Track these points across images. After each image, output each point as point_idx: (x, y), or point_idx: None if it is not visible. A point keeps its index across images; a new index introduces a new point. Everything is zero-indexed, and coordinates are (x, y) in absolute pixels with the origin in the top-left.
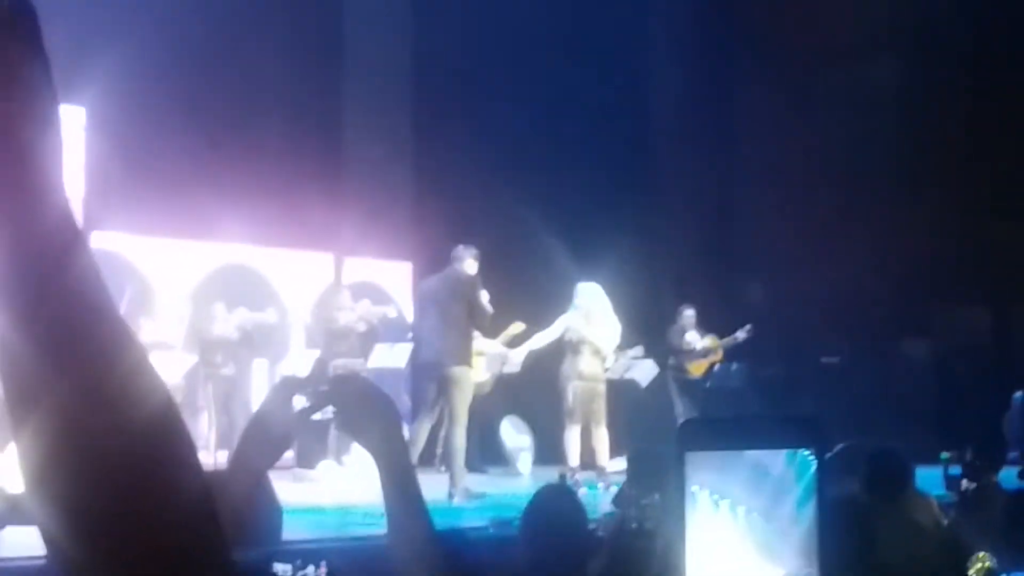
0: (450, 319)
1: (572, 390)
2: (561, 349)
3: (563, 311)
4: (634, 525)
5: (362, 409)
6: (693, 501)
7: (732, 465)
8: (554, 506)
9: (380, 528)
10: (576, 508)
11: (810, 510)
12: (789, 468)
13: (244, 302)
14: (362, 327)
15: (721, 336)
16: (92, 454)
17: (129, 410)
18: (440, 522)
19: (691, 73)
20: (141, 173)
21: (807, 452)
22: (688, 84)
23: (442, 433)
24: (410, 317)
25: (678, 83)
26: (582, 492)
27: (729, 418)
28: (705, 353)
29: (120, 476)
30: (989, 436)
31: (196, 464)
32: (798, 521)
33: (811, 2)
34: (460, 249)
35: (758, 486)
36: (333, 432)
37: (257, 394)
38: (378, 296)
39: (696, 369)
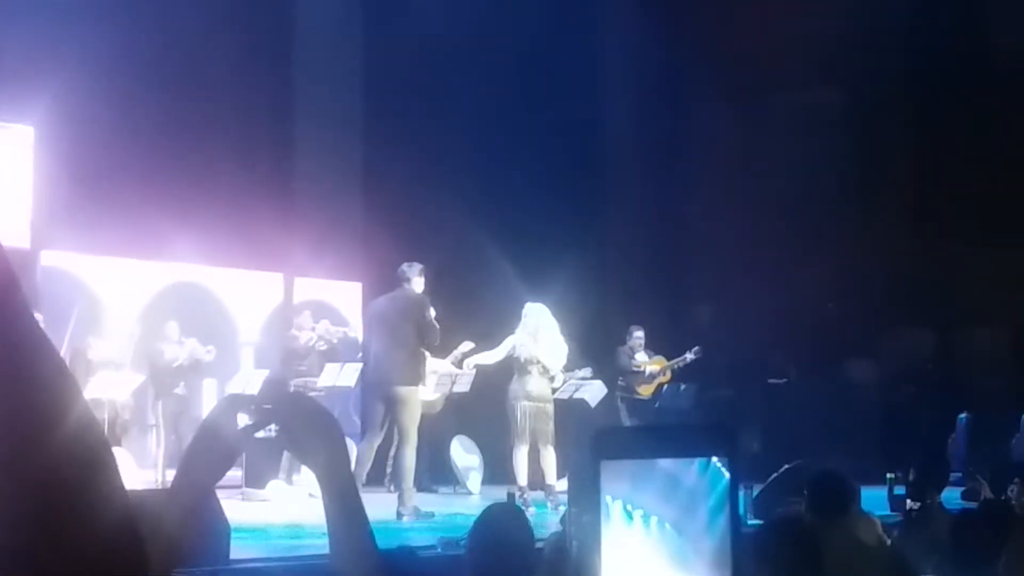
0: (399, 339)
1: (520, 410)
2: (509, 369)
3: (512, 330)
4: (574, 543)
5: (306, 428)
6: (607, 512)
7: (646, 475)
8: (501, 525)
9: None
10: (523, 527)
11: (723, 521)
12: (702, 478)
13: (194, 322)
14: (322, 346)
15: (669, 357)
16: (16, 477)
17: (56, 440)
18: (389, 541)
19: (642, 91)
20: (90, 192)
21: (720, 462)
22: (639, 102)
23: (392, 452)
24: (360, 337)
25: (630, 101)
26: (531, 512)
27: (644, 427)
28: (653, 374)
29: (40, 500)
30: (933, 457)
31: (119, 490)
32: (711, 532)
33: (764, 25)
34: (406, 267)
35: (671, 496)
36: (286, 452)
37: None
38: (329, 316)
39: (645, 390)
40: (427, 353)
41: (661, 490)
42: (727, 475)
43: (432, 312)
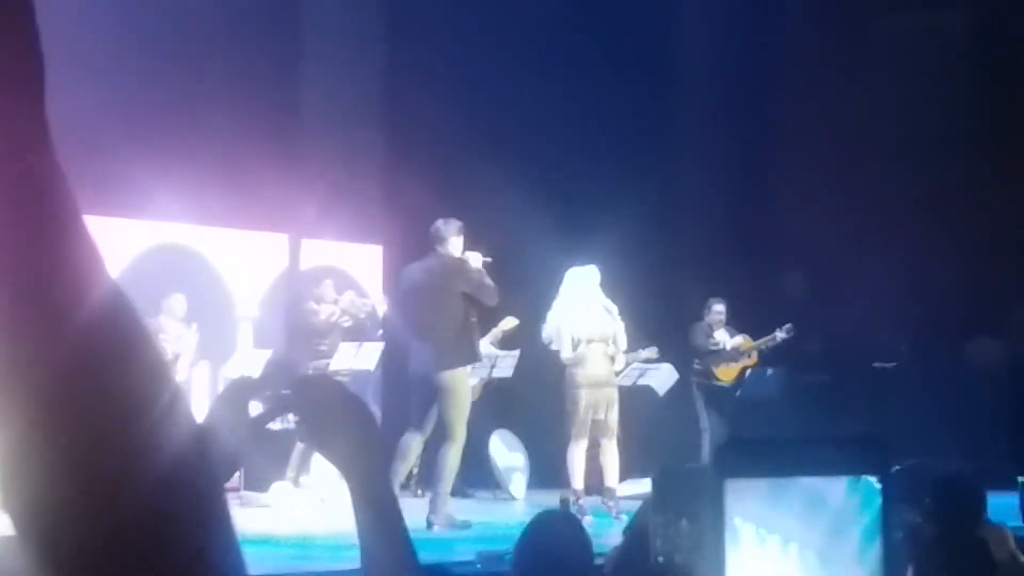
0: (440, 315)
1: (585, 396)
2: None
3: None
4: (660, 559)
5: (331, 417)
6: (735, 536)
7: (782, 494)
8: (554, 537)
9: (345, 562)
10: (580, 540)
11: (876, 547)
12: (851, 498)
13: (182, 291)
14: (347, 322)
15: (755, 336)
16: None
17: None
18: (419, 556)
19: (719, 25)
20: (61, 140)
21: (872, 479)
22: (716, 40)
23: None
24: (381, 308)
25: (704, 38)
26: (587, 520)
27: (778, 439)
28: (736, 355)
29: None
30: None
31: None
32: (862, 560)
33: None
34: (441, 225)
35: (813, 519)
36: (298, 449)
37: (199, 403)
38: (350, 286)
39: (725, 374)
40: (474, 327)
41: (802, 512)
42: (881, 494)
43: (478, 258)
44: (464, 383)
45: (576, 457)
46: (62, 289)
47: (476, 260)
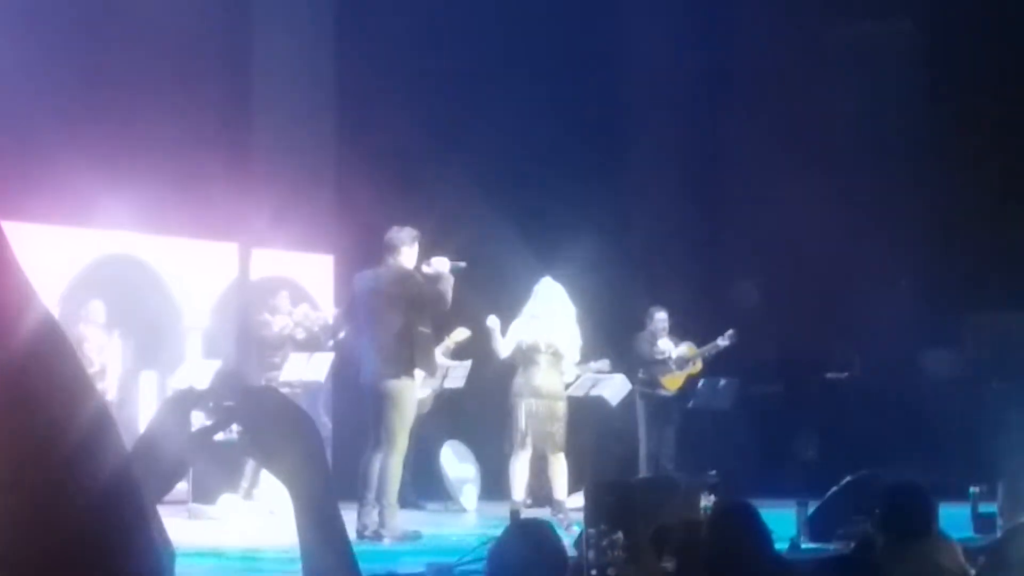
0: (386, 322)
1: (524, 408)
2: (512, 359)
3: (513, 314)
4: (593, 572)
5: (275, 429)
6: None
7: None
8: (531, 545)
9: (294, 575)
10: (557, 548)
11: None
12: None
13: (128, 302)
14: (301, 335)
15: (702, 345)
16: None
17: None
18: (368, 568)
19: (671, 36)
20: (5, 146)
21: None
22: (667, 50)
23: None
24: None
25: (655, 48)
26: None
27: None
28: (681, 363)
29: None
30: None
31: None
32: None
33: None
34: (395, 234)
35: None
36: (250, 461)
37: (145, 414)
38: (300, 296)
39: (671, 383)
40: (425, 339)
41: None
42: None
43: (444, 262)
44: (408, 392)
45: (517, 469)
46: None
47: (442, 264)
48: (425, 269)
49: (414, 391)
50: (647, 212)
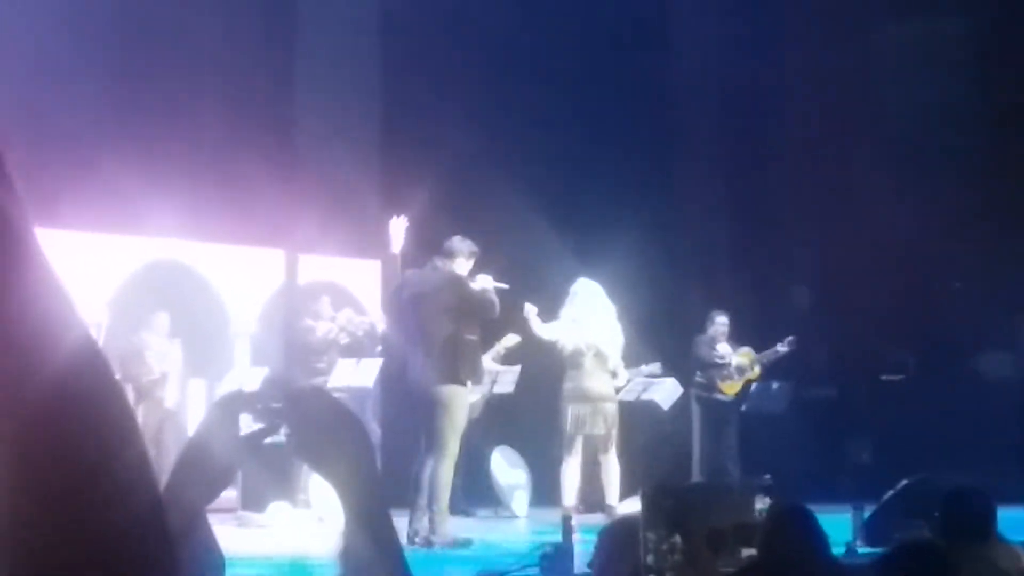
0: (437, 329)
1: (572, 413)
2: (560, 363)
3: (554, 319)
4: None
5: (324, 431)
6: None
7: None
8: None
9: None
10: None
11: None
12: None
13: (176, 308)
14: (344, 340)
15: (758, 349)
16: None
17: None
18: (419, 575)
19: (720, 38)
20: (52, 154)
21: None
22: (718, 53)
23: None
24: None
25: (705, 51)
26: (576, 538)
27: None
28: (740, 370)
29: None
30: None
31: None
32: None
33: None
34: (456, 242)
35: None
36: (304, 466)
37: (194, 421)
38: (348, 302)
39: (729, 388)
40: (472, 347)
41: None
42: None
43: (489, 280)
44: (459, 399)
45: (567, 474)
46: (28, 333)
47: (486, 282)
48: (471, 283)
49: (465, 397)
50: (699, 214)
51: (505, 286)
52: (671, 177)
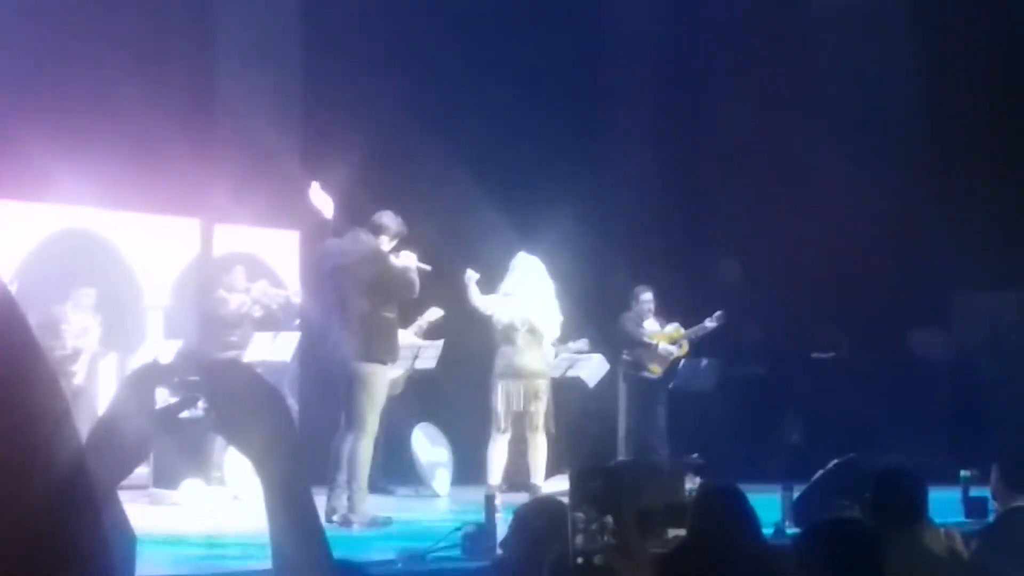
0: (354, 302)
1: (502, 389)
2: (485, 340)
3: (489, 293)
4: (580, 559)
5: (244, 404)
6: None
7: None
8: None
9: (257, 562)
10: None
11: None
12: None
13: (88, 276)
14: (258, 312)
15: (687, 325)
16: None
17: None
18: (336, 555)
19: (650, 7)
20: None
21: None
22: (646, 22)
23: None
24: (297, 297)
25: (635, 20)
26: (498, 517)
27: None
28: (668, 349)
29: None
30: (1021, 450)
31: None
32: None
33: None
34: (387, 218)
35: None
36: (219, 442)
37: (105, 396)
38: (264, 273)
39: (656, 368)
40: (388, 324)
41: None
42: None
43: (412, 257)
44: (378, 376)
45: (494, 452)
46: None
47: (409, 259)
48: (393, 260)
49: (384, 374)
50: (627, 188)
51: (427, 267)
52: (598, 147)
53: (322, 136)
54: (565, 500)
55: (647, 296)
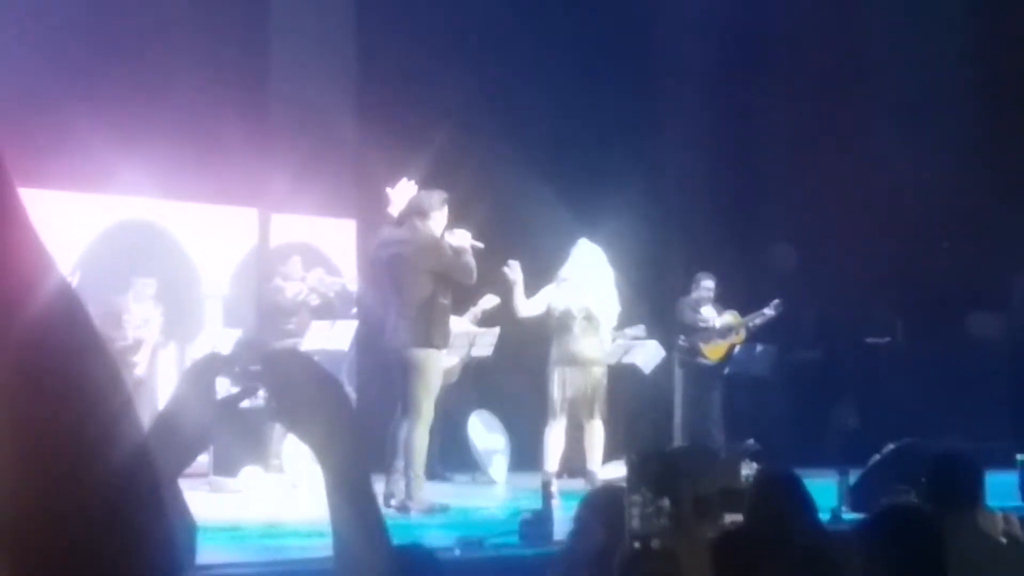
0: (413, 292)
1: (558, 377)
2: (542, 328)
3: (546, 282)
4: (636, 545)
5: (304, 394)
6: None
7: None
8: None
9: (319, 550)
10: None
11: None
12: None
13: (147, 265)
14: (315, 301)
15: (743, 312)
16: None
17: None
18: (395, 541)
19: None
20: (15, 110)
21: None
22: (703, 10)
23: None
24: (353, 285)
25: (691, 7)
26: (555, 503)
27: None
28: (724, 332)
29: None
30: None
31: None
32: None
33: None
34: (423, 197)
35: None
36: (278, 430)
37: (166, 387)
38: (320, 262)
39: (713, 352)
40: (443, 311)
41: None
42: None
43: (466, 236)
44: (433, 362)
45: (550, 439)
46: (7, 287)
47: (463, 238)
48: (448, 238)
49: (439, 360)
50: (683, 175)
51: (480, 245)
52: (657, 138)
53: (377, 126)
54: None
55: (709, 283)
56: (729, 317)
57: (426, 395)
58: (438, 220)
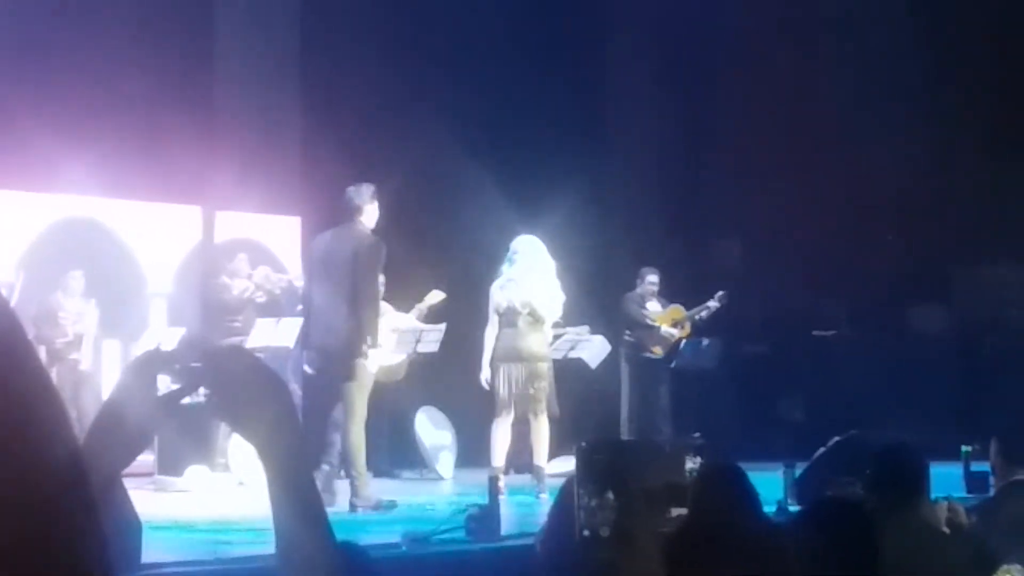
0: (342, 290)
1: (504, 373)
2: (491, 321)
3: (490, 277)
4: (585, 532)
5: (245, 390)
6: None
7: None
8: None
9: (262, 548)
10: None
11: None
12: None
13: (91, 265)
14: (261, 298)
15: (688, 306)
16: None
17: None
18: (341, 538)
19: None
20: None
21: None
22: (649, 5)
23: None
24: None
25: (637, 3)
26: (502, 499)
27: None
28: (671, 332)
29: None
30: (1019, 423)
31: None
32: None
33: None
34: (352, 192)
35: None
36: (224, 429)
37: (109, 382)
38: (266, 260)
39: (659, 349)
40: (380, 307)
41: None
42: None
43: (432, 298)
44: (366, 361)
45: (497, 434)
46: None
47: (436, 298)
48: (381, 253)
49: (372, 359)
50: (627, 170)
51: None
52: (599, 127)
53: (321, 122)
54: None
55: (653, 278)
56: (673, 312)
57: (359, 394)
58: (370, 214)
